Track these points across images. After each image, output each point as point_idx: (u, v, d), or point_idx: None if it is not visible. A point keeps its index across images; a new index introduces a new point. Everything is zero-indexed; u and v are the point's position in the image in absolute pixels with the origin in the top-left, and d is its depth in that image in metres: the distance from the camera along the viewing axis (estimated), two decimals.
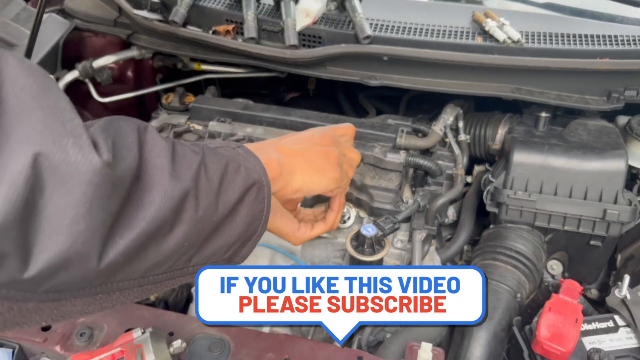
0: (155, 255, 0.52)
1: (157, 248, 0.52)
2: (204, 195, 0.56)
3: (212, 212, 0.58)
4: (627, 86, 1.26)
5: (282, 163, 0.75)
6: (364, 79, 1.36)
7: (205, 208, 0.56)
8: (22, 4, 1.64)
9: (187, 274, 0.60)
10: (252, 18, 1.38)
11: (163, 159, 0.52)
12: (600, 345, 0.96)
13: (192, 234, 0.56)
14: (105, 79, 1.68)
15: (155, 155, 0.52)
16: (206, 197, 0.57)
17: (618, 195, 1.17)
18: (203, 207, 0.56)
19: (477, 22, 1.31)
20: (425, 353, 0.93)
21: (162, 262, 0.54)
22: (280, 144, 0.81)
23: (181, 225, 0.53)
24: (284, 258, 1.23)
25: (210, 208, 0.57)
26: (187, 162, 0.55)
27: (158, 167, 0.51)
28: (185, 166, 0.54)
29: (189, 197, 0.54)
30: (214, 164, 0.59)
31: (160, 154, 0.52)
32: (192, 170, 0.55)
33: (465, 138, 1.44)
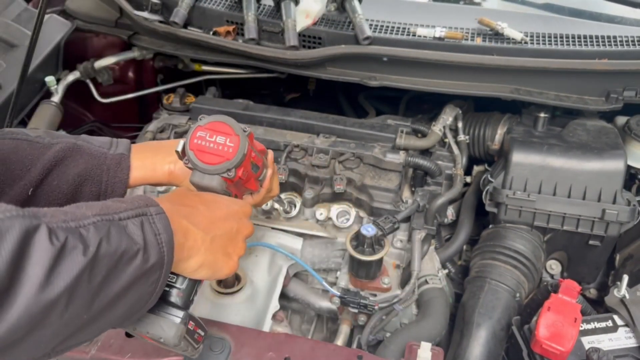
0: (7, 359, 0.52)
1: (9, 352, 0.52)
2: (77, 298, 0.54)
3: (83, 312, 0.56)
4: (626, 86, 1.26)
5: (187, 247, 0.72)
6: (364, 79, 1.37)
7: (75, 311, 0.55)
8: (24, 5, 1.64)
9: (49, 357, 0.59)
10: (253, 19, 1.38)
11: (38, 269, 0.51)
12: (599, 344, 0.97)
13: (54, 334, 0.55)
14: (106, 79, 1.69)
15: (32, 264, 0.50)
16: (80, 299, 0.55)
17: (617, 195, 1.18)
18: (73, 310, 0.55)
19: (486, 25, 1.31)
20: (425, 352, 0.93)
21: (17, 358, 0.54)
22: (195, 218, 0.76)
23: (42, 330, 0.53)
24: (284, 258, 1.23)
25: (82, 309, 0.56)
26: (69, 267, 0.53)
27: (30, 278, 0.50)
28: (63, 272, 0.52)
29: (57, 306, 0.52)
30: (105, 259, 0.57)
31: (38, 263, 0.51)
32: (71, 276, 0.53)
33: (465, 138, 1.45)
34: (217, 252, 0.78)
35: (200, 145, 0.80)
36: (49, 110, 1.53)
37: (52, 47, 1.57)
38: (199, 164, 0.80)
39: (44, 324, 0.52)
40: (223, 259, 0.79)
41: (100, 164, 0.87)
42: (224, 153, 0.80)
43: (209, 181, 0.81)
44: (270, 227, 1.26)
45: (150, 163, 0.92)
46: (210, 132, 0.80)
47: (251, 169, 0.87)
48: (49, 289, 0.51)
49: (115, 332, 0.96)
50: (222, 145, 0.80)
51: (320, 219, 1.26)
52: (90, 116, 1.83)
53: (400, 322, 1.19)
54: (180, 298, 0.76)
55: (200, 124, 0.81)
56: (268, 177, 0.96)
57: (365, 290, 1.15)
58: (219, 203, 0.82)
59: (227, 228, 0.80)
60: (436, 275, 1.20)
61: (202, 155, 0.80)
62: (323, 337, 1.32)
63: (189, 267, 0.74)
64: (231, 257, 0.81)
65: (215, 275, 0.79)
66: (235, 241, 0.82)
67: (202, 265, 0.75)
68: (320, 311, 1.25)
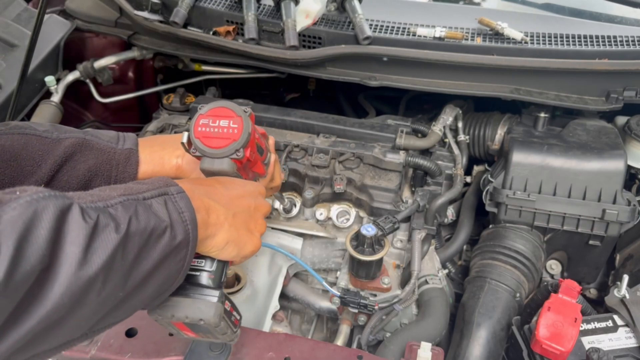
0: (51, 339, 0.53)
1: (53, 332, 0.53)
2: (113, 275, 0.55)
3: (119, 289, 0.57)
4: (626, 86, 1.26)
5: (210, 223, 0.72)
6: (364, 79, 1.37)
7: (112, 288, 0.56)
8: (23, 5, 1.64)
9: (86, 338, 0.60)
10: (253, 19, 1.38)
11: (75, 248, 0.51)
12: (599, 344, 0.97)
13: (93, 312, 0.56)
14: (106, 79, 1.69)
15: (69, 242, 0.51)
16: (115, 277, 0.56)
17: (617, 195, 1.18)
18: (109, 288, 0.56)
19: (486, 25, 1.31)
20: (425, 352, 0.93)
21: (58, 339, 0.55)
22: (215, 196, 0.76)
23: (82, 308, 0.54)
24: (284, 258, 1.23)
25: (118, 286, 0.57)
26: (104, 244, 0.54)
27: (68, 257, 0.51)
28: (99, 249, 0.53)
29: (95, 283, 0.53)
30: (136, 236, 0.57)
31: (74, 241, 0.52)
32: (106, 253, 0.54)
33: (465, 138, 1.45)
34: (240, 228, 0.77)
35: (205, 132, 0.80)
36: (49, 110, 1.53)
37: (52, 47, 1.57)
38: (207, 150, 0.80)
39: (84, 301, 0.53)
40: (247, 235, 0.79)
41: (109, 159, 0.88)
42: (229, 135, 0.80)
43: (219, 165, 0.81)
44: (270, 227, 1.26)
45: (158, 157, 0.92)
46: (213, 117, 0.81)
47: (257, 150, 0.88)
48: (87, 266, 0.52)
49: (115, 332, 0.96)
50: (227, 128, 0.80)
51: (320, 219, 1.26)
52: (90, 116, 1.83)
53: (400, 322, 1.19)
54: (212, 280, 0.76)
55: (202, 112, 0.81)
56: (272, 162, 0.97)
57: (365, 290, 1.15)
58: (235, 183, 0.82)
59: (246, 205, 0.80)
60: (436, 275, 1.20)
61: (208, 140, 0.80)
62: (323, 337, 1.32)
63: (216, 245, 0.74)
64: (254, 234, 0.81)
65: (241, 252, 0.78)
66: (255, 218, 0.82)
67: (228, 242, 0.75)
68: (320, 311, 1.25)
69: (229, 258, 0.78)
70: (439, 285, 1.18)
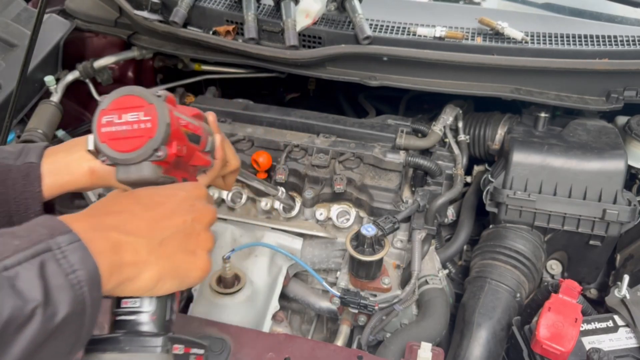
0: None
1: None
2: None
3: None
4: (626, 86, 1.26)
5: (126, 264, 0.57)
6: (364, 79, 1.37)
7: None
8: (23, 5, 1.64)
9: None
10: (252, 18, 1.38)
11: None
12: (599, 345, 0.97)
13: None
14: (106, 79, 1.69)
15: None
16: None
17: (617, 195, 1.18)
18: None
19: (487, 25, 1.31)
20: (425, 352, 0.93)
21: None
22: (130, 225, 0.60)
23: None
24: (284, 258, 1.23)
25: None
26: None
27: None
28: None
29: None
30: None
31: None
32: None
33: (465, 138, 1.45)
34: (174, 256, 0.62)
35: (111, 132, 0.62)
36: (49, 110, 1.53)
37: (51, 46, 1.57)
38: (118, 156, 0.62)
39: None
40: (186, 260, 0.64)
41: (3, 179, 0.75)
42: (142, 132, 0.61)
43: (137, 172, 0.63)
44: (270, 227, 1.26)
45: (64, 166, 0.78)
46: (117, 112, 0.62)
47: (188, 140, 0.69)
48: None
49: None
50: (137, 123, 0.62)
51: (320, 219, 1.26)
52: (89, 116, 1.83)
53: (401, 322, 1.19)
54: (154, 322, 0.62)
55: (103, 107, 0.63)
56: (219, 144, 0.79)
57: (365, 291, 1.15)
58: (159, 196, 0.65)
59: (179, 223, 0.64)
60: (436, 275, 1.20)
61: (117, 143, 0.62)
62: (323, 338, 1.32)
63: (142, 287, 0.59)
64: (197, 254, 0.65)
65: (184, 283, 0.64)
66: (195, 234, 0.66)
67: (161, 278, 0.60)
68: (320, 311, 1.25)
69: (169, 292, 0.63)
70: (439, 285, 1.18)
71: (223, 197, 1.29)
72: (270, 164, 1.27)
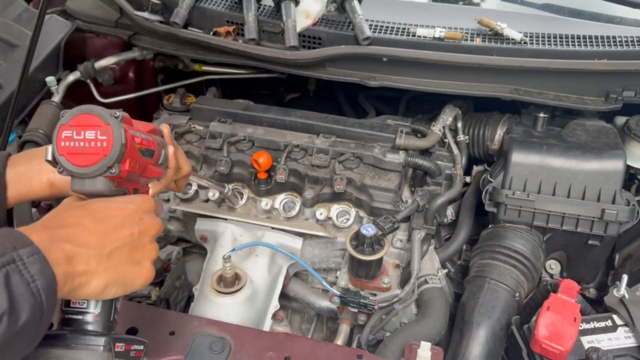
0: None
1: None
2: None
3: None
4: (625, 87, 1.27)
5: (78, 272, 0.62)
6: (364, 79, 1.37)
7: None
8: (24, 5, 1.64)
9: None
10: (253, 19, 1.39)
11: None
12: (598, 344, 0.97)
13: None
14: (107, 79, 1.69)
15: None
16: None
17: (616, 195, 1.18)
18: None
19: (486, 26, 1.31)
20: (425, 352, 0.94)
21: None
22: (82, 237, 0.65)
23: None
24: (284, 258, 1.24)
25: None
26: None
27: None
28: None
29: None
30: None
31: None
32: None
33: (464, 138, 1.45)
34: (120, 266, 0.68)
35: (70, 147, 0.68)
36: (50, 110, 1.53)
37: (52, 47, 1.58)
38: (73, 170, 0.68)
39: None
40: (131, 269, 0.70)
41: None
42: (97, 150, 0.68)
43: (91, 186, 0.70)
44: (271, 226, 1.26)
45: (24, 176, 0.82)
46: (77, 128, 0.68)
47: (142, 156, 0.76)
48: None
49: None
50: (94, 141, 0.68)
51: (320, 218, 1.26)
52: None
53: (400, 321, 1.19)
54: (98, 322, 0.68)
55: (63, 122, 0.69)
56: (171, 155, 0.86)
57: (365, 290, 1.15)
58: (110, 209, 0.71)
59: (126, 235, 0.70)
60: (436, 274, 1.20)
61: (74, 158, 0.68)
62: (323, 337, 1.33)
63: (91, 292, 0.65)
64: (142, 264, 0.72)
65: (129, 289, 0.70)
66: (141, 246, 0.72)
67: (107, 285, 0.66)
68: (320, 311, 1.26)
69: (113, 297, 0.69)
70: (439, 284, 1.18)
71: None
72: (271, 164, 1.28)
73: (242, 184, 1.34)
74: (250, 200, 1.33)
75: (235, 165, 1.33)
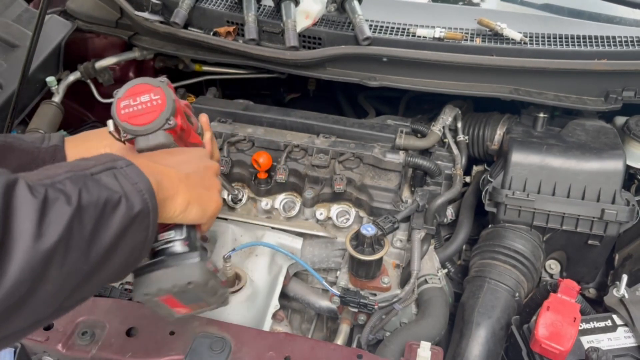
0: (17, 320, 0.52)
1: (18, 312, 0.52)
2: (73, 248, 0.55)
3: (82, 263, 0.57)
4: (625, 87, 1.27)
5: (165, 187, 0.71)
6: (364, 79, 1.37)
7: (74, 261, 0.55)
8: (24, 5, 1.65)
9: (57, 315, 0.60)
10: (253, 19, 1.39)
11: (27, 222, 0.51)
12: (598, 344, 0.97)
13: (58, 288, 0.55)
14: (107, 79, 1.69)
15: (21, 218, 0.51)
16: (75, 249, 0.55)
17: (616, 195, 1.18)
18: (71, 261, 0.55)
19: (486, 26, 1.31)
20: (425, 351, 0.94)
21: (26, 319, 0.54)
22: (162, 161, 0.76)
23: (45, 284, 0.53)
24: (284, 258, 1.24)
25: (80, 259, 0.56)
26: (57, 217, 0.53)
27: (22, 232, 0.50)
28: (54, 221, 0.53)
29: (54, 256, 0.53)
30: (90, 207, 0.57)
31: (26, 216, 0.51)
32: (61, 224, 0.53)
33: (464, 138, 1.45)
34: (197, 187, 0.77)
35: (129, 112, 0.79)
36: (50, 110, 1.54)
37: (52, 47, 1.58)
38: (137, 129, 0.79)
39: (46, 277, 0.53)
40: (205, 193, 0.79)
41: (34, 159, 0.86)
42: (155, 107, 0.79)
43: (155, 139, 0.80)
44: (271, 226, 1.26)
45: (84, 150, 0.90)
46: (132, 96, 0.79)
47: (187, 118, 0.87)
48: (44, 239, 0.52)
49: (115, 332, 0.96)
50: (149, 102, 0.79)
51: (320, 218, 1.26)
52: (91, 116, 1.84)
53: (400, 321, 1.19)
54: (188, 245, 0.75)
55: (119, 96, 0.80)
56: (208, 139, 0.98)
57: (365, 290, 1.15)
58: (178, 150, 0.82)
59: (195, 166, 0.80)
60: (436, 274, 1.20)
61: (135, 119, 0.79)
62: (323, 337, 1.33)
63: (178, 207, 0.73)
64: (212, 191, 0.81)
65: (206, 212, 0.78)
66: (209, 176, 0.82)
67: (189, 202, 0.74)
68: (320, 310, 1.26)
69: (195, 220, 0.77)
70: (439, 284, 1.18)
71: (223, 196, 1.30)
72: (271, 164, 1.28)
73: (242, 184, 1.34)
74: (250, 200, 1.33)
75: (235, 165, 1.33)
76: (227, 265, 1.10)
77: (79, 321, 0.98)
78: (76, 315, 0.98)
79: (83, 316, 0.98)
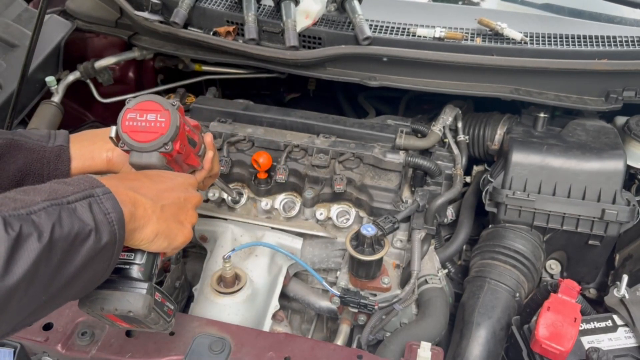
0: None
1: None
2: (36, 282, 0.57)
3: (42, 294, 0.59)
4: (626, 87, 1.27)
5: (138, 216, 0.73)
6: (364, 79, 1.37)
7: (34, 293, 0.58)
8: (24, 5, 1.65)
9: (6, 336, 0.62)
10: (253, 19, 1.39)
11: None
12: (598, 344, 0.97)
13: (13, 316, 0.57)
14: (107, 79, 1.69)
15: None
16: (38, 283, 0.57)
17: (616, 195, 1.18)
18: (32, 294, 0.57)
19: (486, 25, 1.31)
20: (425, 352, 0.93)
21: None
22: (141, 190, 0.77)
23: (2, 315, 0.55)
24: (284, 258, 1.24)
25: (41, 291, 0.59)
26: (26, 254, 0.55)
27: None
28: (21, 259, 0.55)
29: (17, 291, 0.54)
30: (60, 241, 0.59)
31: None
32: (29, 262, 0.55)
33: (464, 138, 1.45)
34: (169, 220, 0.79)
35: (132, 126, 0.81)
36: (50, 110, 1.54)
37: (52, 47, 1.58)
38: (134, 144, 0.81)
39: (4, 309, 0.55)
40: (176, 226, 0.80)
41: (40, 157, 0.89)
42: (157, 129, 0.81)
43: (147, 159, 0.83)
44: (271, 226, 1.26)
45: (88, 152, 0.94)
46: (140, 111, 0.82)
47: (188, 143, 0.89)
48: (9, 277, 0.53)
49: (115, 332, 0.96)
50: (154, 122, 0.82)
51: (320, 219, 1.26)
52: (90, 116, 1.84)
53: (400, 321, 1.19)
54: (142, 273, 0.77)
55: (129, 107, 0.82)
56: (209, 159, 1.00)
57: (365, 290, 1.15)
58: (163, 176, 0.83)
59: (175, 197, 0.81)
60: (436, 275, 1.20)
61: (136, 135, 0.81)
62: (323, 337, 1.33)
63: (145, 238, 0.75)
64: (184, 225, 0.82)
65: (171, 244, 0.80)
66: (186, 209, 0.83)
67: (157, 234, 0.76)
68: (320, 311, 1.26)
69: (159, 250, 0.79)
70: (439, 285, 1.18)
71: (224, 197, 1.30)
72: (271, 164, 1.28)
73: (242, 184, 1.34)
74: (250, 200, 1.33)
75: (235, 165, 1.33)
76: (227, 265, 1.10)
77: (78, 321, 0.98)
78: (76, 315, 0.98)
79: (83, 316, 0.98)
